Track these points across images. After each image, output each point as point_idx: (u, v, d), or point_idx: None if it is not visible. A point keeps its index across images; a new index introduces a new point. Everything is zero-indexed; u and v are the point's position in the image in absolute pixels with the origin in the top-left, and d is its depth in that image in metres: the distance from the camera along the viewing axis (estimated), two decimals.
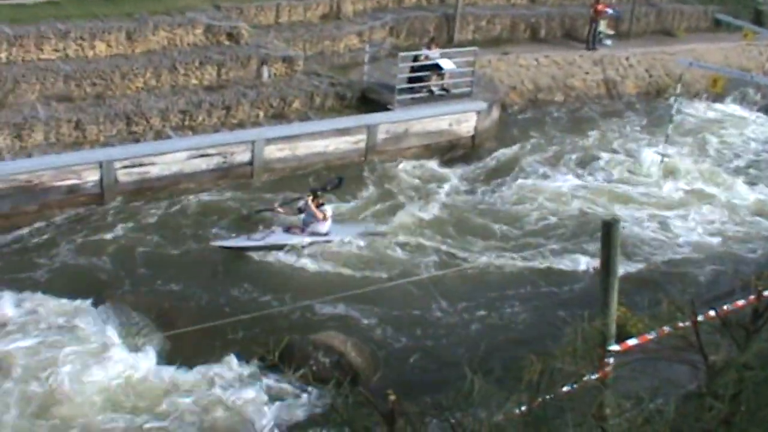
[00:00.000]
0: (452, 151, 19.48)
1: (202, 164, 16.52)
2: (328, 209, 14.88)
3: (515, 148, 20.02)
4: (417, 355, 12.37)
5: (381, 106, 18.96)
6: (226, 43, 18.95)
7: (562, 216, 16.74)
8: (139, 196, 15.87)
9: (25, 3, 18.13)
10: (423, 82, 19.73)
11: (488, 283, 14.23)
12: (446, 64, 19.74)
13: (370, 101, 19.35)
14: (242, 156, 16.87)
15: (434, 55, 20.03)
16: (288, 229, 14.91)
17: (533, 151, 19.99)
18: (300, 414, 11.00)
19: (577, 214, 16.87)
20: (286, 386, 11.29)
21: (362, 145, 18.25)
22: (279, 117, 18.22)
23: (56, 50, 17.11)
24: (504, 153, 19.69)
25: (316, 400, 11.11)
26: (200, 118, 17.29)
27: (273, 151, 17.22)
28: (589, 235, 15.23)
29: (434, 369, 11.96)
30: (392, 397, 5.06)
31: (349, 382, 6.05)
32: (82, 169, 15.42)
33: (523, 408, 5.19)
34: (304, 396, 11.21)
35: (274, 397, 11.20)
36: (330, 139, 17.82)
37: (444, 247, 15.18)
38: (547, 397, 5.24)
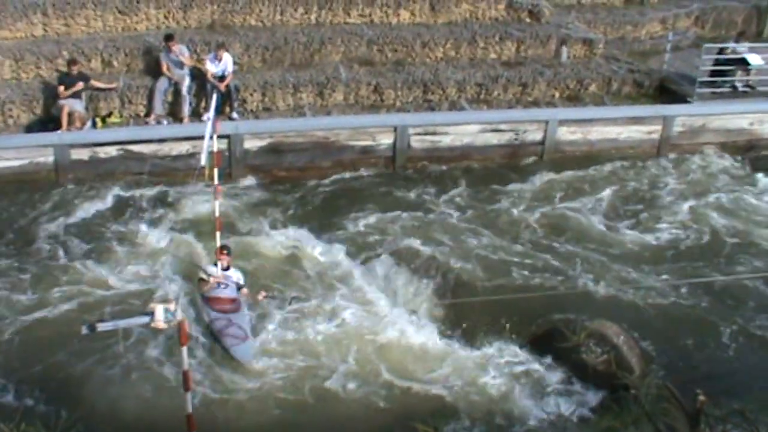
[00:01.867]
0: (751, 152, 18.22)
1: (493, 139, 16.48)
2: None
3: None
4: (696, 359, 11.55)
5: (679, 98, 18.13)
6: (527, 20, 18.87)
7: None
8: (429, 163, 16.06)
9: None
10: (727, 77, 18.63)
11: None
12: (755, 60, 18.51)
13: (667, 91, 18.56)
14: (534, 135, 16.68)
15: (742, 49, 18.84)
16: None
17: None
18: (573, 401, 10.62)
19: None
20: (555, 371, 10.96)
21: (656, 136, 17.49)
22: (574, 99, 17.88)
23: (362, 15, 17.80)
24: None
25: (585, 388, 10.71)
26: (495, 93, 17.31)
27: (565, 133, 16.89)
28: None
29: (720, 375, 11.14)
30: (702, 398, 4.76)
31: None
32: (377, 132, 15.88)
33: None
34: (575, 383, 10.83)
35: (544, 379, 10.89)
36: (623, 127, 17.23)
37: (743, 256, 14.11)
38: None
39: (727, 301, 12.71)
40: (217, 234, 12.36)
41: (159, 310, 7.04)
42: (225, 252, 11.89)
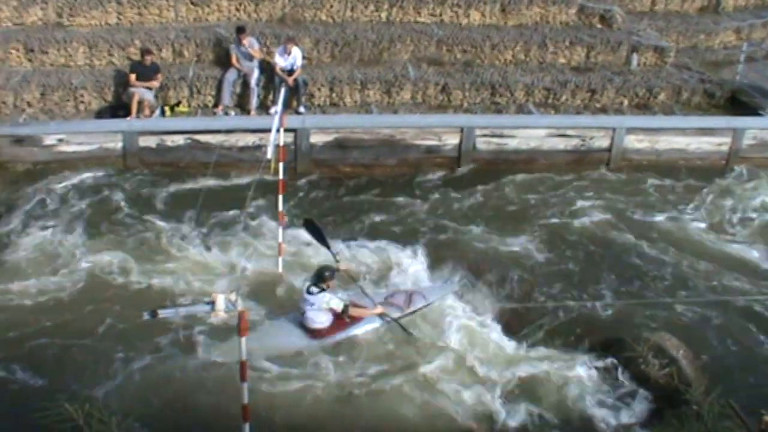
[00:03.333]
0: None
1: (560, 144, 16.58)
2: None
3: None
4: (760, 378, 11.44)
5: (751, 110, 18.03)
6: (598, 25, 18.93)
7: None
8: (494, 165, 16.22)
9: None
10: None
11: None
12: None
13: (739, 103, 18.46)
14: (601, 142, 16.72)
15: None
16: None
17: None
18: (632, 412, 10.68)
19: None
20: (617, 380, 11.02)
21: (725, 148, 17.39)
22: (643, 107, 17.90)
23: (432, 15, 18.03)
24: None
25: (646, 400, 10.75)
26: (563, 98, 17.41)
27: (632, 141, 16.91)
28: None
29: None
30: (766, 418, 4.83)
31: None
32: (443, 132, 16.09)
33: None
34: (636, 394, 10.88)
35: (605, 388, 10.97)
36: (692, 138, 17.18)
37: None
38: None
39: None
40: (280, 228, 12.64)
41: (220, 299, 7.25)
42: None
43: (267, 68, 16.52)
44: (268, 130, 11.98)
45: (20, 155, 15.77)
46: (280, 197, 12.45)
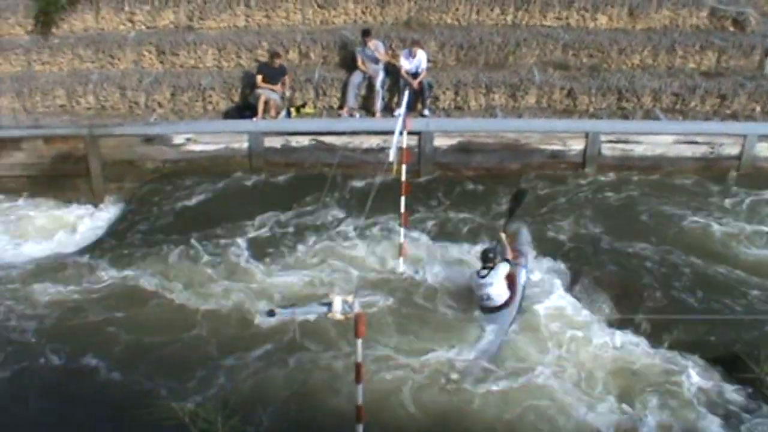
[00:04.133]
0: None
1: (687, 151, 16.29)
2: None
3: None
4: None
5: None
6: (731, 29, 18.47)
7: None
8: (619, 171, 16.06)
9: None
10: None
11: None
12: None
13: None
14: (730, 149, 16.36)
15: None
16: None
17: None
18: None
19: None
20: (738, 398, 10.82)
21: None
22: None
23: (558, 18, 17.92)
24: None
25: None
26: (692, 104, 17.09)
27: (764, 149, 16.50)
28: None
29: None
30: None
31: None
32: (567, 137, 16.03)
33: None
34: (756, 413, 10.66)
35: (728, 405, 10.78)
36: None
37: None
38: None
39: None
40: (402, 230, 12.83)
41: (337, 301, 7.40)
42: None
43: (392, 71, 16.74)
44: (392, 133, 12.21)
45: (150, 154, 16.43)
46: (403, 199, 12.67)
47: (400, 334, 11.91)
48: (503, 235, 12.44)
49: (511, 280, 11.84)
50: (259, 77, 16.50)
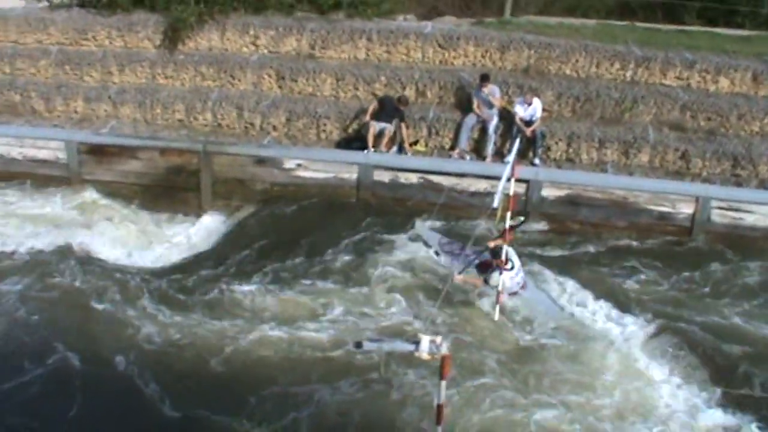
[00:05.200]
0: None
1: None
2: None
3: None
4: None
5: None
6: None
7: None
8: (728, 240, 15.94)
9: (660, 28, 19.39)
10: None
11: None
12: None
13: None
14: None
15: None
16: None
17: None
18: None
19: None
20: None
21: None
22: None
23: (679, 78, 17.93)
24: None
25: None
26: None
27: None
28: None
29: None
30: None
31: None
32: (677, 199, 16.03)
33: None
34: None
35: None
36: None
37: None
38: None
39: None
40: (500, 275, 13.06)
41: (425, 341, 7.52)
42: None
43: (506, 117, 17.00)
44: (500, 178, 12.42)
45: (260, 175, 17.03)
46: (504, 246, 12.82)
47: (486, 378, 12.05)
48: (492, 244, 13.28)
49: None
50: (374, 111, 16.92)
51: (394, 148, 17.12)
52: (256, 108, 18.08)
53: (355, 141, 17.45)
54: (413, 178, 16.55)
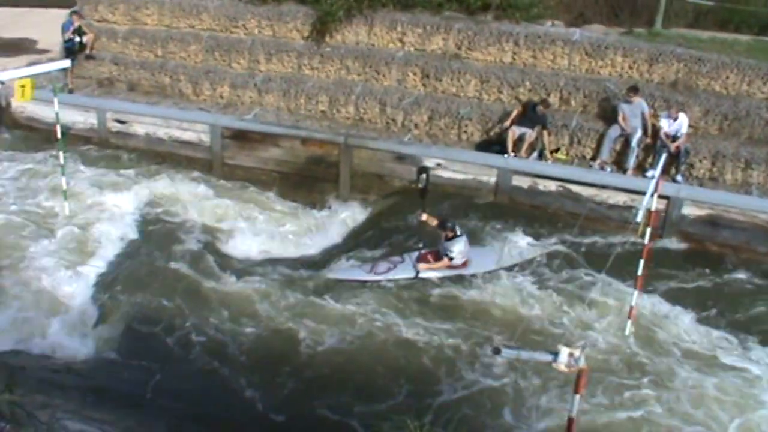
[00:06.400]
0: None
1: None
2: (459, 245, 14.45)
3: None
4: None
5: None
6: None
7: None
8: None
9: None
10: None
11: None
12: None
13: None
14: None
15: None
16: (421, 258, 14.75)
17: None
18: None
19: None
20: None
21: None
22: None
23: None
24: None
25: None
26: None
27: None
28: None
29: None
30: None
31: None
32: None
33: None
34: None
35: None
36: None
37: None
38: None
39: None
40: (635, 293, 13.17)
41: (564, 352, 7.62)
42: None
43: (650, 130, 17.02)
44: (640, 192, 12.70)
45: (399, 171, 17.54)
46: (641, 262, 12.92)
47: (620, 395, 12.23)
48: (425, 217, 14.56)
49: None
50: (517, 117, 17.21)
51: (534, 154, 17.38)
52: (399, 104, 18.59)
53: (495, 144, 17.75)
54: (552, 185, 16.77)
